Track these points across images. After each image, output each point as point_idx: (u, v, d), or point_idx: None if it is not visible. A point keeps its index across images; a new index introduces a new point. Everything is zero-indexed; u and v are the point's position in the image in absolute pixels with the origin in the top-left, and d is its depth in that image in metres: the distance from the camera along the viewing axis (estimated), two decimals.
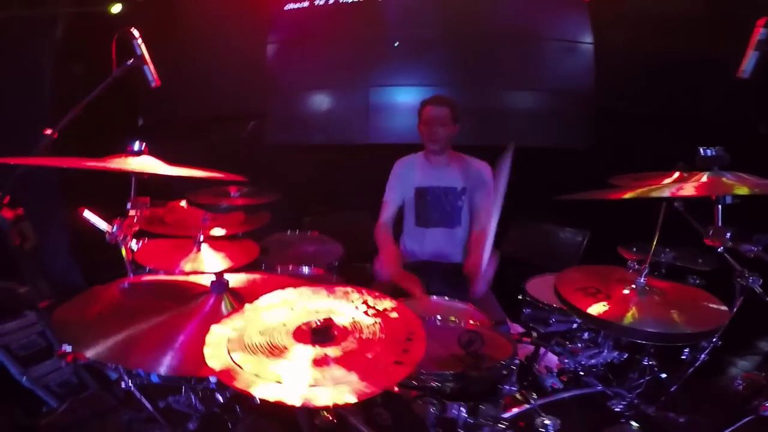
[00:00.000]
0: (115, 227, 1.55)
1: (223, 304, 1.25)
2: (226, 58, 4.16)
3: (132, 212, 1.49)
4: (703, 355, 1.62)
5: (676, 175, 2.01)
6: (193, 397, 1.40)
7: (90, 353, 1.00)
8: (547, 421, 1.19)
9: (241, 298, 1.27)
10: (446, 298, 1.82)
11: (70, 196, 3.39)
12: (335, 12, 3.81)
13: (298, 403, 0.70)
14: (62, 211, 3.15)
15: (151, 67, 1.62)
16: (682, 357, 1.68)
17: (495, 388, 1.14)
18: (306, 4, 3.83)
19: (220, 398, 1.33)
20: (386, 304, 1.01)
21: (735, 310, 1.47)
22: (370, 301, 1.03)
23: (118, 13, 4.17)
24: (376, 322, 0.94)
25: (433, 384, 1.08)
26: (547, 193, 1.91)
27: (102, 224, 1.63)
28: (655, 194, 1.27)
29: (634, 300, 1.42)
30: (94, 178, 1.77)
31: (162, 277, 1.50)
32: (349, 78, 3.90)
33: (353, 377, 0.75)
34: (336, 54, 3.90)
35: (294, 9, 3.87)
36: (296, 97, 4.07)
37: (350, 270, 2.62)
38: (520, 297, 1.95)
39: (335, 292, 1.09)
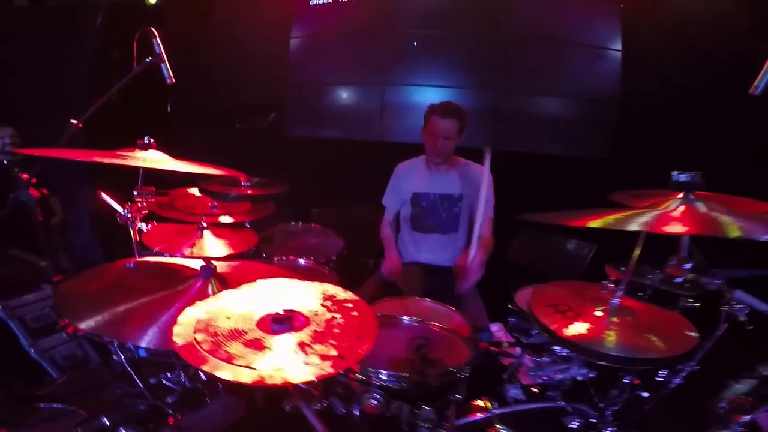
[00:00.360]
0: (125, 210, 1.69)
1: (209, 288, 1.36)
2: (254, 50, 4.31)
3: (138, 199, 1.61)
4: (678, 379, 1.62)
5: (680, 195, 2.00)
6: (182, 373, 1.52)
7: (83, 325, 1.12)
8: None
9: (226, 283, 1.38)
10: (427, 300, 1.88)
11: (96, 177, 3.62)
12: (357, 8, 3.84)
13: (248, 381, 0.79)
14: (87, 191, 3.35)
15: (167, 65, 1.73)
16: (658, 378, 1.68)
17: (439, 393, 1.19)
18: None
19: (203, 375, 1.44)
20: (350, 302, 1.09)
21: (718, 335, 1.48)
22: (337, 298, 1.11)
23: (155, 3, 4.36)
24: (333, 317, 1.02)
25: (379, 381, 1.14)
26: (557, 201, 1.89)
27: (116, 206, 1.78)
28: (620, 226, 1.22)
29: (602, 321, 1.42)
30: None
31: (164, 259, 1.62)
32: (366, 75, 3.93)
33: (294, 364, 0.84)
34: (355, 50, 3.95)
35: (318, 4, 3.94)
36: (314, 91, 4.14)
37: (349, 264, 2.66)
38: (509, 306, 1.98)
39: (309, 286, 1.17)
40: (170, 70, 1.76)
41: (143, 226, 1.86)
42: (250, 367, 0.81)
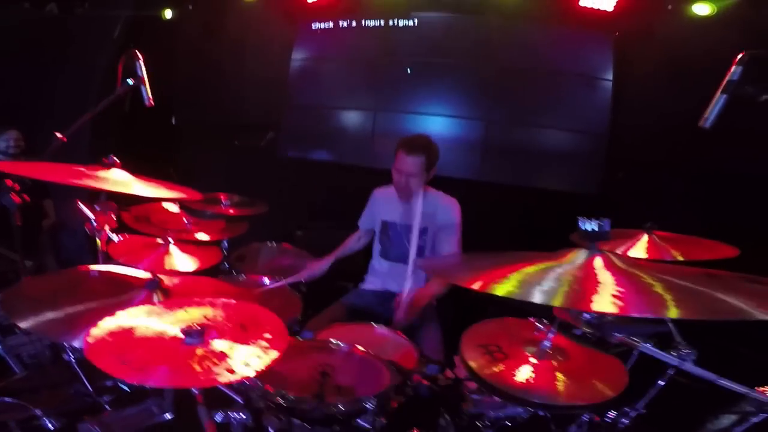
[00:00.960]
0: (93, 221, 1.79)
1: (154, 299, 1.44)
2: (258, 69, 4.50)
3: (99, 213, 1.72)
4: (625, 420, 1.55)
5: (645, 238, 2.01)
6: None
7: (22, 324, 1.20)
8: None
9: (170, 296, 1.46)
10: (382, 327, 1.90)
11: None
12: (356, 34, 3.97)
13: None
14: (83, 195, 3.50)
15: (148, 87, 1.85)
16: (606, 420, 1.66)
17: (345, 419, 1.22)
18: (331, 24, 4.04)
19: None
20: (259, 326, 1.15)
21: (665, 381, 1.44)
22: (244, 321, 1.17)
23: (170, 18, 4.58)
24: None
25: (278, 401, 1.19)
26: (545, 235, 1.92)
27: (89, 215, 1.89)
28: (524, 293, 1.02)
29: (526, 363, 1.41)
30: None
31: (122, 270, 1.70)
32: (359, 100, 4.05)
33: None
34: (349, 76, 4.08)
35: (320, 29, 4.09)
36: (309, 113, 4.26)
37: (326, 287, 2.66)
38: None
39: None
40: (150, 93, 1.87)
41: (114, 236, 1.97)
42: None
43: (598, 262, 1.11)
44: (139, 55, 1.84)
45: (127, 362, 0.96)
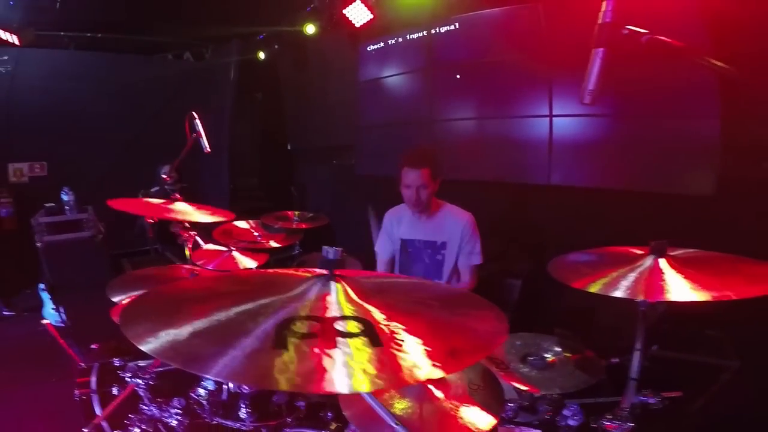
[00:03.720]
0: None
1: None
2: (338, 95, 5.02)
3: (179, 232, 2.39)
4: None
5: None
6: None
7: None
8: None
9: None
10: None
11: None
12: (404, 49, 4.11)
13: None
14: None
15: (205, 139, 2.48)
16: None
17: None
18: (381, 44, 4.26)
19: None
20: None
21: None
22: None
23: (264, 59, 5.47)
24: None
25: None
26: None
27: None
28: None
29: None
30: None
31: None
32: (416, 113, 4.12)
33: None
34: (405, 90, 4.25)
35: (374, 49, 4.35)
36: (376, 131, 4.53)
37: None
38: None
39: None
40: (207, 143, 2.50)
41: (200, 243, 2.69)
42: None
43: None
44: (195, 115, 2.49)
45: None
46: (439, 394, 1.30)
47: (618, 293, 1.22)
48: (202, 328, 0.80)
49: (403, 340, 0.81)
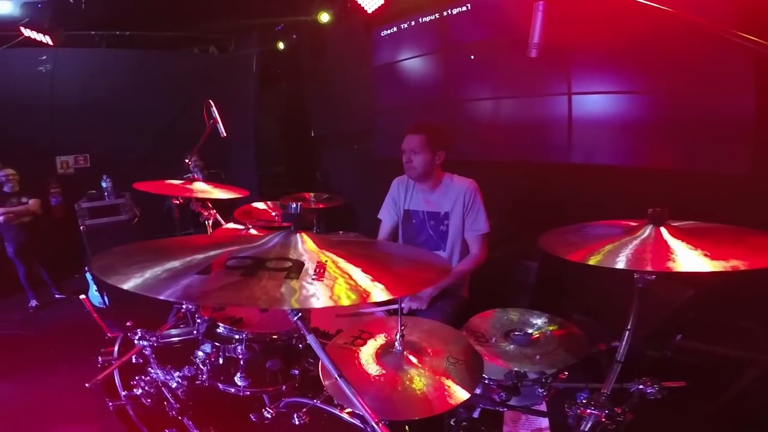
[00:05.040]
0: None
1: None
2: (356, 81, 5.11)
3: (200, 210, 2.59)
4: None
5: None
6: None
7: None
8: None
9: None
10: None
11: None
12: (417, 32, 4.11)
13: None
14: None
15: (221, 124, 2.66)
16: None
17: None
18: (395, 28, 4.29)
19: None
20: None
21: None
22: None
23: (283, 48, 5.62)
24: None
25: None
26: None
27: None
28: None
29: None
30: None
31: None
32: (433, 95, 4.12)
33: None
34: (420, 73, 4.25)
35: (387, 34, 4.40)
36: (393, 115, 4.57)
37: None
38: None
39: None
40: (223, 127, 2.66)
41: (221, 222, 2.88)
42: None
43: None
44: (212, 103, 2.66)
45: None
46: (416, 364, 1.33)
47: (620, 264, 1.11)
48: (177, 266, 0.98)
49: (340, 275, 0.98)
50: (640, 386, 1.25)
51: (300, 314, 1.04)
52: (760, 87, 2.36)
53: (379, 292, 0.92)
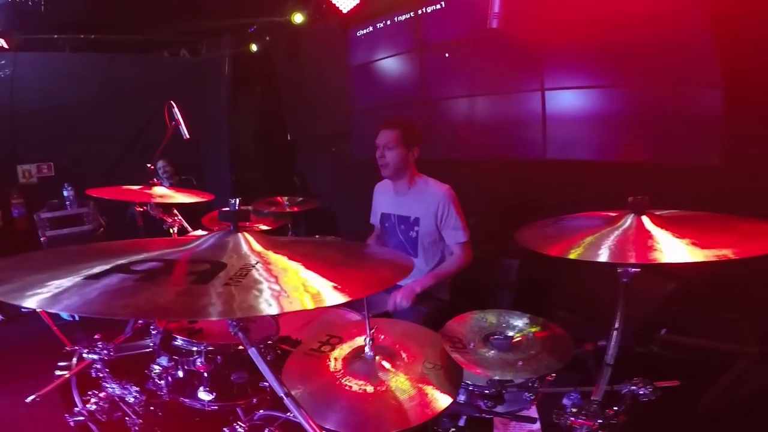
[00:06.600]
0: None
1: None
2: (333, 83, 4.99)
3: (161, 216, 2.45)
4: None
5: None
6: None
7: None
8: None
9: None
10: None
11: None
12: (392, 31, 4.07)
13: None
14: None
15: (183, 126, 2.52)
16: None
17: None
18: (370, 28, 4.23)
19: None
20: None
21: None
22: None
23: (256, 50, 5.50)
24: None
25: None
26: None
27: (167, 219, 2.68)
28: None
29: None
30: None
31: None
32: (409, 94, 4.08)
33: None
34: (395, 72, 4.20)
35: (363, 34, 4.33)
36: (371, 115, 4.45)
37: None
38: None
39: None
40: (185, 129, 2.53)
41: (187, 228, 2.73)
42: None
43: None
44: (173, 104, 2.53)
45: None
46: (391, 370, 1.24)
47: (603, 257, 1.04)
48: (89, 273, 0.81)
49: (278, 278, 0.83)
50: (633, 387, 1.18)
51: (240, 325, 0.89)
52: (728, 81, 2.38)
53: (304, 300, 0.78)
